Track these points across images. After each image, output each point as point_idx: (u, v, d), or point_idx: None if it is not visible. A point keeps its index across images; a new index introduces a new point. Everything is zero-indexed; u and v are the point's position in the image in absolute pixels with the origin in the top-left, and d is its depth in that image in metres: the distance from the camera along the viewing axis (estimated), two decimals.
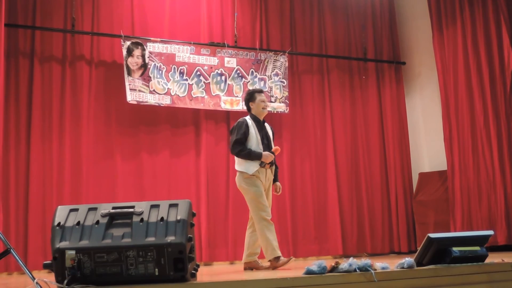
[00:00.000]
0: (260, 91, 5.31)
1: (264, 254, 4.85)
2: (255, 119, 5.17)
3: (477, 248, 3.60)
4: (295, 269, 4.58)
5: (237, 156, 5.03)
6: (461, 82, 6.92)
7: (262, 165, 4.94)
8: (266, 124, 5.29)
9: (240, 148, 4.96)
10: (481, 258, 3.61)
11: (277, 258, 4.77)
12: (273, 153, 5.04)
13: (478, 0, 6.82)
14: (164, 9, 6.99)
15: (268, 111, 7.04)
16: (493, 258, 3.82)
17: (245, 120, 5.11)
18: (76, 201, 6.07)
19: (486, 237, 3.67)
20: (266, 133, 5.20)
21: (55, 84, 6.36)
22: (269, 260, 4.83)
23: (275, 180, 5.19)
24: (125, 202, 3.09)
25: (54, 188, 6.15)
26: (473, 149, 6.75)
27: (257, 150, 4.96)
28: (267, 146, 5.08)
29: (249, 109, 5.27)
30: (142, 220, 2.91)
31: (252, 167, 4.94)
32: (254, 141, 5.00)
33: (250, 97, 5.26)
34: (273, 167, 5.12)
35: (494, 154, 6.50)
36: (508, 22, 6.51)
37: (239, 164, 5.03)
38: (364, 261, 3.21)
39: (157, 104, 6.58)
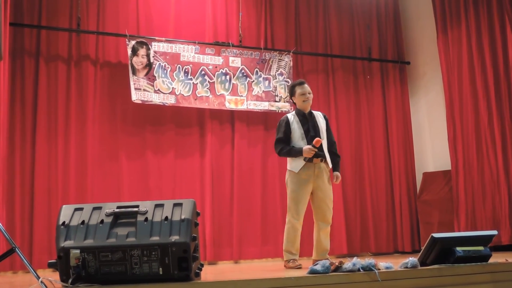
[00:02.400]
0: (300, 83, 5.17)
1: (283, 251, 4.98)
2: (299, 113, 5.10)
3: (481, 248, 3.60)
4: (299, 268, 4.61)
5: (279, 155, 5.07)
6: (466, 82, 6.90)
7: (305, 160, 4.84)
8: (317, 114, 5.15)
9: (281, 147, 4.97)
10: (485, 258, 3.61)
11: (290, 260, 4.86)
12: (314, 145, 4.80)
13: (483, 0, 6.81)
14: (169, 8, 7.00)
15: (273, 110, 7.13)
16: (497, 258, 3.82)
17: (286, 117, 5.09)
18: (81, 200, 6.08)
19: (490, 237, 3.67)
20: (314, 124, 5.05)
21: (61, 83, 6.38)
22: (285, 260, 4.95)
23: (335, 170, 5.09)
24: (130, 201, 3.10)
25: (59, 188, 6.16)
26: (477, 149, 6.73)
27: (300, 145, 4.90)
28: (314, 138, 4.89)
29: (294, 103, 5.25)
30: (146, 219, 2.91)
31: (297, 164, 4.90)
32: (297, 136, 4.97)
33: (290, 92, 5.22)
34: (325, 159, 4.96)
35: (498, 154, 6.48)
36: None
37: (288, 162, 5.03)
38: (368, 260, 3.21)
39: (161, 104, 6.60)
